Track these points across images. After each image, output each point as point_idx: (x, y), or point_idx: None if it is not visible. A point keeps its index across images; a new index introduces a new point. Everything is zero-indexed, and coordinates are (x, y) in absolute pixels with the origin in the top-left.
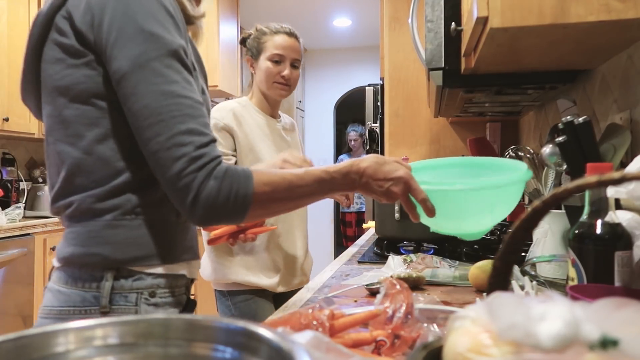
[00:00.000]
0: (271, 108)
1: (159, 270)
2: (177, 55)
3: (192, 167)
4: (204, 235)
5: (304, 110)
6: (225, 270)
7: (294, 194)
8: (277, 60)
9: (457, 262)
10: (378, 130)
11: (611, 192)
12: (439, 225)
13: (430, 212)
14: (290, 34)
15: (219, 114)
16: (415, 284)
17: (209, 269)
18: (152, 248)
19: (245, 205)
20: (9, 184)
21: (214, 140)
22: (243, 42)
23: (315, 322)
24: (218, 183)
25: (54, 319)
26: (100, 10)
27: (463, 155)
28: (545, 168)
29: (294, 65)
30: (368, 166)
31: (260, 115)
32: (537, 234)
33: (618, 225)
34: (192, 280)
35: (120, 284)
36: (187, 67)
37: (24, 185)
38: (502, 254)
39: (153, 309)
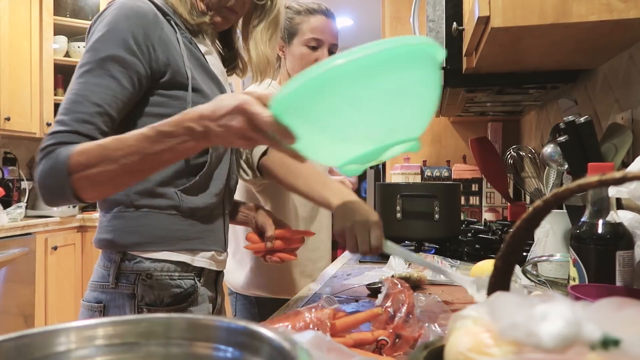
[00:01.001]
0: None
1: (156, 255)
2: (102, 61)
3: (39, 153)
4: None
5: None
6: (259, 280)
7: (114, 157)
8: (313, 45)
9: (459, 261)
10: None
11: (612, 191)
12: (344, 147)
13: (287, 136)
14: (328, 15)
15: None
16: (417, 284)
17: (239, 274)
18: (149, 236)
19: (61, 177)
20: (10, 184)
21: (69, 132)
22: None
23: (316, 322)
24: (42, 164)
25: (88, 290)
26: None
27: (464, 155)
28: (547, 167)
29: (332, 51)
30: (205, 107)
31: None
32: (539, 233)
33: (619, 225)
34: (203, 270)
35: (125, 265)
36: (109, 73)
37: (25, 184)
38: (503, 253)
39: (148, 289)
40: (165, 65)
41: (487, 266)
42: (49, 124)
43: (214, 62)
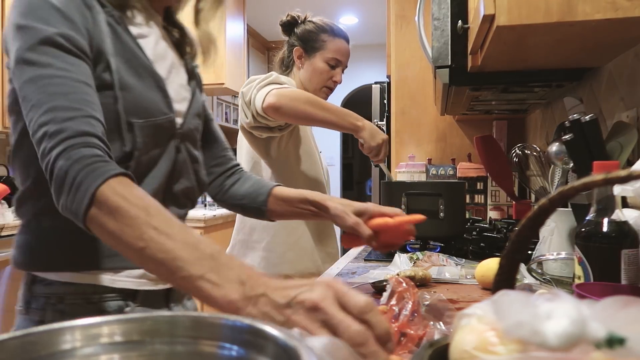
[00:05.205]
0: None
1: (68, 277)
2: (52, 41)
3: (50, 145)
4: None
5: None
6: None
7: (133, 243)
8: (332, 64)
9: (464, 260)
10: (384, 128)
11: (618, 190)
12: None
13: None
14: (348, 41)
15: (289, 78)
16: (422, 282)
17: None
18: (56, 254)
19: (79, 208)
20: (15, 182)
21: (88, 116)
22: (289, 26)
23: None
24: (68, 164)
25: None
26: None
27: (469, 154)
28: (552, 166)
29: (343, 70)
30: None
31: None
32: (544, 231)
33: (624, 223)
34: (138, 290)
35: (35, 288)
36: (68, 51)
37: None
38: (508, 252)
39: (59, 315)
40: (94, 53)
41: (492, 264)
42: None
43: (152, 48)
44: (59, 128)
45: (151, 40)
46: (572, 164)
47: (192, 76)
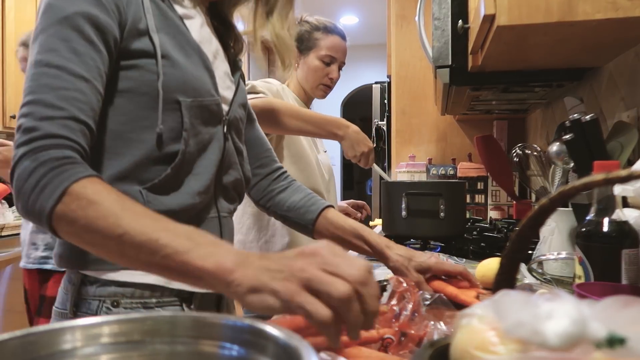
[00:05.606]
0: (305, 103)
1: (123, 277)
2: (69, 21)
3: (20, 140)
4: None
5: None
6: None
7: (111, 231)
8: (327, 62)
9: (464, 259)
10: (385, 128)
11: (618, 190)
12: None
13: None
14: (343, 38)
15: (269, 85)
16: None
17: None
18: None
19: (44, 204)
20: None
21: (69, 117)
22: None
23: None
24: (33, 165)
25: (52, 316)
26: None
27: (470, 154)
28: (552, 166)
29: (340, 67)
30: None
31: (297, 105)
32: (544, 231)
33: (625, 223)
34: (194, 293)
35: (85, 290)
36: (82, 34)
37: None
38: (509, 251)
39: None
40: (131, 29)
41: (492, 264)
42: None
43: (197, 30)
44: (34, 125)
45: (197, 22)
46: (572, 164)
47: (236, 68)
